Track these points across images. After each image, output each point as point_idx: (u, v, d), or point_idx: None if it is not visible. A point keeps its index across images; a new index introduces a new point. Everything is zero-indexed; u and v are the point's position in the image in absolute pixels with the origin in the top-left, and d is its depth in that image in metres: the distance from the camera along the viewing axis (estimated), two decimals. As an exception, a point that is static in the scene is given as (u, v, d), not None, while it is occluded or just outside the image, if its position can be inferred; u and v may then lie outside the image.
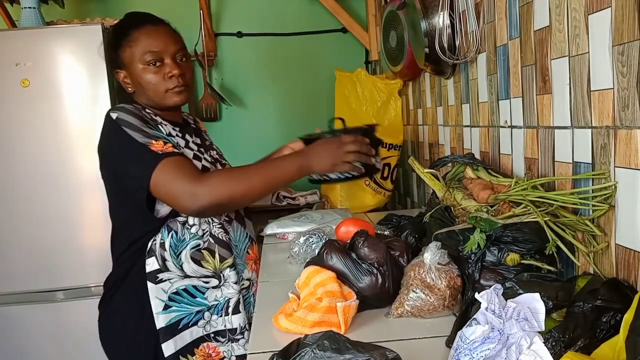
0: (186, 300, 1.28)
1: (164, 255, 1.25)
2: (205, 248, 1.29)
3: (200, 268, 1.29)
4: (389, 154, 2.22)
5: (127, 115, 1.23)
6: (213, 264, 1.30)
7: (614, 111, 0.86)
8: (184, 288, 1.27)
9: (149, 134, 1.22)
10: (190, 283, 1.28)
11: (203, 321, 1.30)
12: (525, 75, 1.16)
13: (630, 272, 0.84)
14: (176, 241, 1.26)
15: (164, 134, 1.26)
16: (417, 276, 1.00)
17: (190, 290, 1.28)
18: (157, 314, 1.25)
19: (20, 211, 2.17)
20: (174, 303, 1.27)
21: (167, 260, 1.26)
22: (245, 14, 2.80)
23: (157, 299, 1.25)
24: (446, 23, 1.45)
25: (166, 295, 1.26)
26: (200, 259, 1.28)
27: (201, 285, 1.29)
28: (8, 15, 2.39)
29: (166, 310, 1.26)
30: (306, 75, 2.86)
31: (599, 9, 0.87)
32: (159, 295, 1.25)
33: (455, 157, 1.26)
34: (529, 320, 0.64)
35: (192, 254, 1.27)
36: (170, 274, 1.26)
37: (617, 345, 0.63)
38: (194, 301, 1.28)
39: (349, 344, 0.67)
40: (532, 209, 0.94)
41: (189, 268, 1.27)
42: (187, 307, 1.28)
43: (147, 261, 1.25)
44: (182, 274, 1.27)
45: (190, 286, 1.28)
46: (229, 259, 1.33)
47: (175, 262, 1.26)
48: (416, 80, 2.10)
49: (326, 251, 1.10)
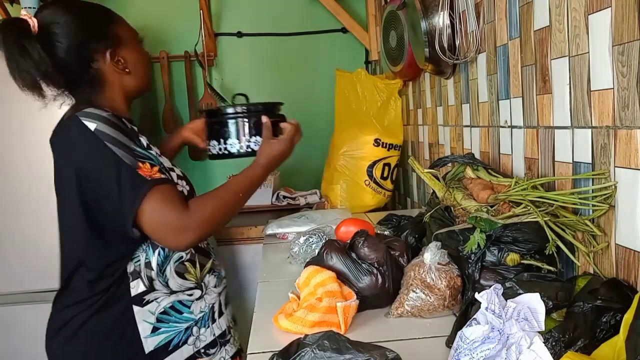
0: (174, 318, 1.21)
1: (150, 275, 1.18)
2: (188, 260, 1.24)
3: (185, 281, 1.23)
4: (389, 154, 2.22)
5: (107, 127, 1.08)
6: (195, 274, 1.25)
7: (614, 111, 0.86)
8: (171, 305, 1.21)
9: (134, 153, 1.09)
10: (176, 299, 1.22)
11: (192, 338, 1.24)
12: (525, 75, 1.16)
13: (630, 272, 0.84)
14: (163, 258, 1.19)
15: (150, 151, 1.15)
16: (417, 276, 1.00)
17: (176, 307, 1.22)
18: (145, 338, 1.17)
19: (20, 211, 2.17)
20: (162, 324, 1.20)
21: (153, 280, 1.18)
22: (245, 14, 2.80)
23: (144, 322, 1.17)
24: (446, 23, 1.45)
25: (154, 316, 1.19)
26: (183, 271, 1.23)
27: (186, 299, 1.23)
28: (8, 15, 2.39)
29: (154, 332, 1.19)
30: (306, 75, 2.85)
31: (599, 9, 0.87)
32: (147, 317, 1.18)
33: (455, 157, 1.26)
34: (529, 320, 0.64)
35: (176, 268, 1.21)
36: (156, 294, 1.19)
37: (617, 345, 0.63)
38: (181, 317, 1.22)
39: (349, 344, 0.67)
40: (532, 209, 0.94)
41: (174, 283, 1.21)
42: (175, 325, 1.21)
43: (132, 284, 1.16)
44: (168, 291, 1.20)
45: (176, 302, 1.22)
46: (208, 264, 1.29)
47: (161, 279, 1.19)
48: (416, 80, 2.10)
49: (326, 251, 1.10)
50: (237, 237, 2.20)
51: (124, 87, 1.22)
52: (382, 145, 2.19)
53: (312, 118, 2.86)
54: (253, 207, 2.53)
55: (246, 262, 2.17)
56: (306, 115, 2.87)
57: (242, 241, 2.19)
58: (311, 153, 2.82)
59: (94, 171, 1.09)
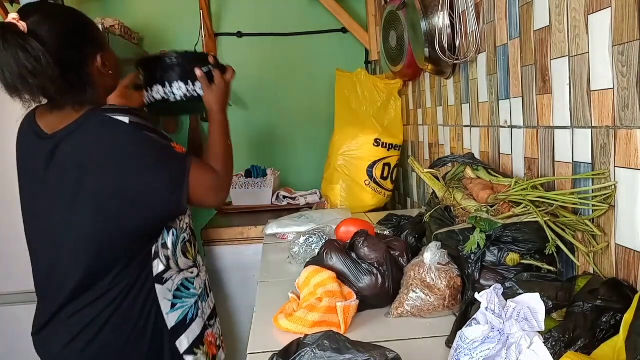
0: (185, 294, 1.30)
1: (167, 254, 1.26)
2: (188, 240, 1.34)
3: (187, 260, 1.33)
4: (389, 154, 2.22)
5: (135, 117, 1.14)
6: (192, 253, 1.36)
7: (614, 111, 0.86)
8: (181, 282, 1.30)
9: (163, 135, 1.21)
10: (183, 276, 1.31)
11: (200, 311, 1.34)
12: (525, 75, 1.16)
13: (630, 272, 0.84)
14: (175, 238, 1.28)
15: None
16: (417, 276, 1.00)
17: (185, 284, 1.31)
18: (167, 314, 1.26)
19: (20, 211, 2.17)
20: (177, 300, 1.29)
21: (169, 259, 1.27)
22: (245, 14, 2.80)
23: (165, 300, 1.26)
24: (446, 23, 1.45)
25: (171, 293, 1.27)
26: (186, 251, 1.33)
27: (189, 277, 1.33)
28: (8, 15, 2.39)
29: (173, 308, 1.27)
30: (306, 75, 2.85)
31: (599, 9, 0.87)
32: (166, 295, 1.26)
33: (455, 157, 1.26)
34: (529, 320, 0.64)
35: (182, 248, 1.31)
36: (171, 272, 1.28)
37: (617, 345, 0.63)
38: (189, 293, 1.32)
39: (349, 344, 0.67)
40: (532, 209, 0.94)
41: (182, 262, 1.31)
42: (187, 300, 1.31)
43: (154, 264, 1.23)
44: (177, 269, 1.30)
45: (184, 279, 1.31)
46: (197, 245, 1.42)
47: (174, 259, 1.28)
48: (416, 80, 2.10)
49: (326, 251, 1.10)
50: (237, 237, 2.20)
51: (106, 88, 1.28)
52: (382, 145, 2.19)
53: (312, 118, 2.86)
54: (253, 207, 2.53)
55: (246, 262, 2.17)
56: (306, 115, 2.88)
57: (242, 241, 2.19)
58: (311, 153, 2.82)
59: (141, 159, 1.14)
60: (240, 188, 2.53)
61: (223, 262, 2.21)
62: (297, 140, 2.88)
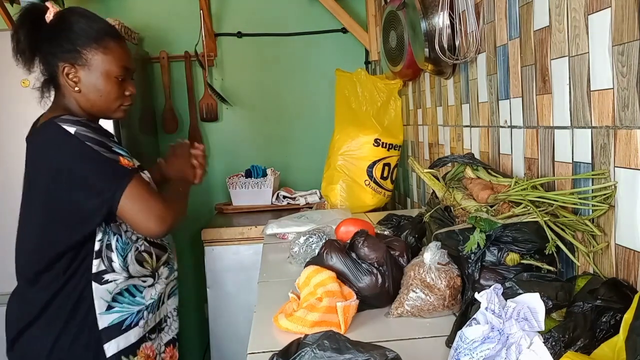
0: (127, 300, 1.29)
1: (110, 256, 1.26)
2: (144, 250, 1.32)
3: (142, 269, 1.32)
4: (389, 154, 2.22)
5: (85, 129, 1.19)
6: (151, 263, 1.34)
7: (614, 111, 0.86)
8: (126, 288, 1.29)
9: (112, 149, 1.21)
10: (132, 283, 1.30)
11: (142, 321, 1.32)
12: (525, 75, 1.16)
13: (630, 272, 0.84)
14: (122, 244, 1.27)
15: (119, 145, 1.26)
16: (417, 276, 1.00)
17: (131, 290, 1.30)
18: (100, 315, 1.25)
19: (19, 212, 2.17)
20: (116, 304, 1.27)
21: (113, 261, 1.26)
22: (245, 14, 2.80)
23: (101, 300, 1.25)
24: (446, 23, 1.45)
25: (110, 295, 1.26)
26: (142, 260, 1.32)
27: (139, 285, 1.32)
28: (8, 15, 2.39)
29: (109, 310, 1.26)
30: (306, 75, 2.85)
31: (599, 9, 0.87)
32: (104, 296, 1.25)
33: (455, 157, 1.26)
34: (529, 320, 0.64)
35: (137, 257, 1.30)
36: (115, 275, 1.26)
37: (617, 345, 0.63)
38: (134, 300, 1.30)
39: (349, 343, 0.67)
40: (532, 209, 0.94)
41: (133, 269, 1.29)
42: (128, 307, 1.29)
43: (94, 262, 1.24)
44: (127, 275, 1.28)
45: (131, 286, 1.30)
46: (163, 257, 1.39)
47: (121, 263, 1.26)
48: (416, 80, 2.10)
49: (326, 251, 1.10)
50: (237, 237, 2.20)
51: (77, 101, 1.30)
52: (382, 145, 2.19)
53: (312, 118, 2.86)
54: (253, 207, 2.53)
55: (246, 262, 2.17)
56: (306, 115, 2.88)
57: (242, 241, 2.19)
58: (311, 153, 2.82)
59: (76, 169, 1.19)
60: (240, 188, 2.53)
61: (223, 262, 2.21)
62: (297, 140, 2.88)
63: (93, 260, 1.25)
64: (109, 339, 1.26)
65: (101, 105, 1.31)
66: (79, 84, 1.27)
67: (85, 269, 1.25)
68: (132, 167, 1.21)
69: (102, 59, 1.27)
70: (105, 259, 1.25)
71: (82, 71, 1.27)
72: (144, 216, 1.20)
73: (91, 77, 1.27)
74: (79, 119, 1.21)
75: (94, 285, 1.25)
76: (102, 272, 1.25)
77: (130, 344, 1.30)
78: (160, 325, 1.42)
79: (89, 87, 1.28)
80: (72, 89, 1.27)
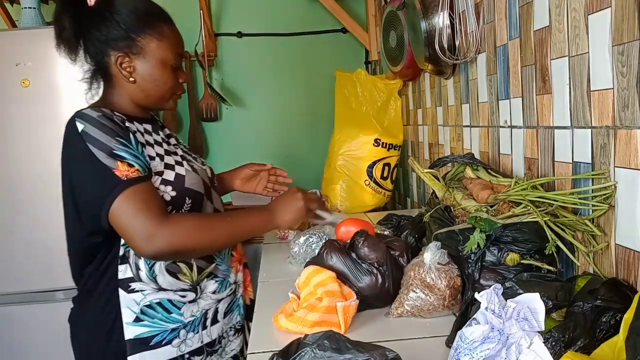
0: (160, 315, 1.16)
1: (137, 263, 1.14)
2: (182, 261, 1.19)
3: (177, 281, 1.18)
4: (389, 154, 2.22)
5: (93, 128, 1.10)
6: (190, 276, 1.20)
7: (614, 111, 0.86)
8: (158, 302, 1.16)
9: (113, 153, 1.08)
10: (165, 297, 1.16)
11: (178, 340, 1.18)
12: (525, 75, 1.16)
13: (630, 272, 0.84)
14: None
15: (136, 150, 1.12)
16: (417, 276, 1.00)
17: (165, 305, 1.17)
18: (127, 324, 1.14)
19: (20, 211, 2.17)
20: (146, 317, 1.15)
21: (140, 269, 1.15)
22: (245, 14, 2.80)
23: (128, 309, 1.14)
24: (446, 23, 1.45)
25: (138, 307, 1.15)
26: (176, 271, 1.18)
27: (177, 300, 1.18)
28: (8, 15, 2.39)
29: (137, 322, 1.15)
30: (306, 75, 2.85)
31: (599, 9, 0.87)
32: (130, 305, 1.14)
33: (455, 157, 1.26)
34: (529, 320, 0.64)
35: (167, 266, 1.17)
36: (143, 285, 1.15)
37: (617, 345, 0.63)
38: (169, 317, 1.17)
39: (349, 343, 0.67)
40: (532, 209, 0.94)
41: (164, 281, 1.16)
42: (160, 323, 1.16)
43: (120, 267, 1.14)
44: (156, 287, 1.16)
45: (165, 300, 1.16)
46: (208, 269, 1.23)
47: (148, 273, 1.15)
48: (416, 80, 2.10)
49: (326, 251, 1.10)
50: (237, 237, 2.19)
51: (129, 93, 1.21)
52: (382, 145, 2.19)
53: (312, 118, 2.86)
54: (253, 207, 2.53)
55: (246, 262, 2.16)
56: (306, 115, 2.88)
57: (242, 241, 2.18)
58: (311, 153, 2.82)
59: (74, 169, 1.13)
60: (241, 188, 2.52)
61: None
62: (297, 140, 2.88)
63: (119, 266, 1.14)
64: (133, 352, 1.14)
65: (156, 96, 1.22)
66: (134, 74, 1.18)
67: (113, 273, 1.14)
68: (128, 176, 1.08)
69: (158, 46, 1.18)
70: (133, 266, 1.14)
71: (136, 60, 1.17)
72: (129, 233, 1.07)
73: (146, 66, 1.18)
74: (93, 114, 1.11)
75: (120, 292, 1.14)
76: (129, 280, 1.14)
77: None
78: (212, 346, 1.25)
79: (144, 77, 1.18)
80: (127, 79, 1.18)
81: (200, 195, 1.22)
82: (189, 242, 1.11)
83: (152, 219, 1.07)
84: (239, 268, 1.35)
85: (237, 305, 1.33)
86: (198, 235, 1.13)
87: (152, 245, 1.07)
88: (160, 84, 1.20)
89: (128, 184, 1.07)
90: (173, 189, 1.17)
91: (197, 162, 1.32)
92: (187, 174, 1.20)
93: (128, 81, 1.19)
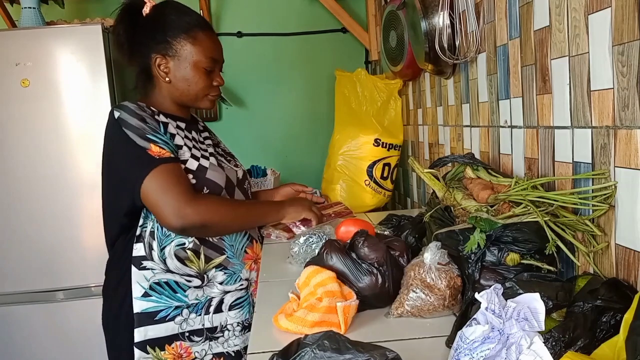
0: (167, 292, 1.29)
1: (151, 244, 1.27)
2: (190, 248, 1.29)
3: (184, 267, 1.29)
4: (389, 154, 2.22)
5: (129, 115, 1.24)
6: (197, 264, 1.31)
7: (614, 111, 0.86)
8: (166, 281, 1.28)
9: (147, 137, 1.23)
10: (172, 278, 1.29)
11: (180, 318, 1.30)
12: (525, 75, 1.16)
13: (630, 272, 0.84)
14: (161, 235, 1.28)
15: (165, 136, 1.26)
16: (417, 276, 1.00)
17: (171, 285, 1.29)
18: (136, 299, 1.27)
19: (20, 211, 2.17)
20: (153, 292, 1.28)
21: (153, 249, 1.27)
22: (245, 14, 2.80)
23: (138, 284, 1.27)
24: (446, 23, 1.45)
25: (147, 283, 1.27)
26: (184, 257, 1.29)
27: (183, 283, 1.30)
28: (8, 15, 2.40)
29: (145, 297, 1.27)
30: (306, 75, 2.86)
31: (599, 9, 0.87)
32: (140, 281, 1.27)
33: (455, 157, 1.26)
34: (529, 320, 0.64)
35: (176, 252, 1.28)
36: (153, 264, 1.27)
37: (617, 345, 0.63)
38: (174, 296, 1.29)
39: (349, 344, 0.67)
40: (532, 209, 0.94)
41: (171, 264, 1.28)
42: (166, 299, 1.29)
43: (135, 246, 1.27)
44: (164, 268, 1.28)
45: (172, 281, 1.29)
46: (217, 259, 1.33)
47: (159, 254, 1.27)
48: (416, 80, 2.10)
49: (326, 251, 1.10)
50: (237, 237, 2.19)
51: (167, 92, 1.35)
52: (382, 145, 2.19)
53: (312, 118, 2.86)
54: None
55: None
56: (306, 115, 2.88)
57: (242, 241, 2.18)
58: (311, 153, 2.82)
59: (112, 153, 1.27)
60: (240, 188, 2.52)
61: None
62: (297, 140, 2.88)
63: (134, 244, 1.27)
64: (140, 325, 1.27)
65: (190, 95, 1.34)
66: (169, 74, 1.32)
67: (129, 251, 1.28)
68: (161, 156, 1.21)
69: (191, 50, 1.31)
70: (147, 246, 1.27)
71: (172, 62, 1.31)
72: (160, 208, 1.20)
73: (180, 67, 1.31)
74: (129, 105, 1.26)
75: (133, 268, 1.27)
76: (142, 258, 1.27)
77: (159, 337, 1.28)
78: (213, 332, 1.34)
79: (178, 77, 1.32)
80: (163, 79, 1.32)
81: (219, 188, 1.32)
82: (215, 217, 1.25)
83: (183, 194, 1.20)
84: (253, 266, 1.42)
85: (247, 302, 1.40)
86: (223, 211, 1.28)
87: (181, 219, 1.20)
88: (192, 84, 1.33)
89: (161, 162, 1.20)
90: (194, 177, 1.28)
91: (229, 163, 1.43)
92: (211, 167, 1.32)
93: (164, 81, 1.33)
